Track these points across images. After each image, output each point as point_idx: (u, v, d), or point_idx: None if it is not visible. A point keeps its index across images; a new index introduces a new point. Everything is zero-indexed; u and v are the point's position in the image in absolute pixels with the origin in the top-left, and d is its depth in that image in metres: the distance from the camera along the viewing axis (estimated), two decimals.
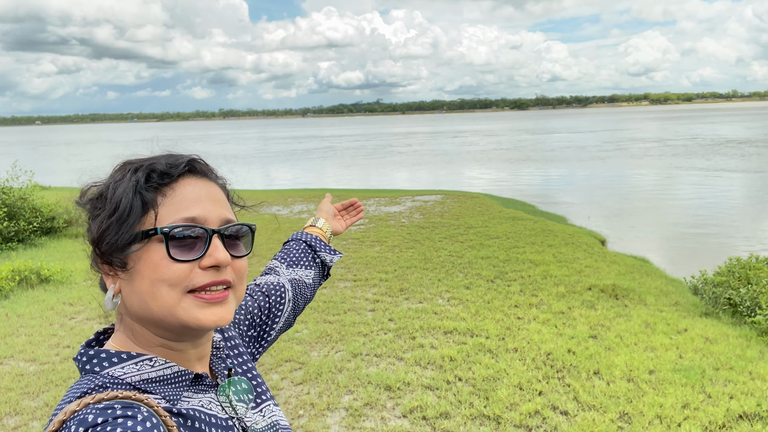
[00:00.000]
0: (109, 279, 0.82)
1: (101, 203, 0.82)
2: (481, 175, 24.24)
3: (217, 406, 0.88)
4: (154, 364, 0.80)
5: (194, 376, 0.85)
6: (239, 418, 0.90)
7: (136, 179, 0.81)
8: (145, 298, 0.79)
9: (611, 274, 7.47)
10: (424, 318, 5.89)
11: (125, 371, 0.78)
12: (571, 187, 19.84)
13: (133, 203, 0.80)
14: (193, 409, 0.83)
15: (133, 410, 0.71)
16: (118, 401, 0.72)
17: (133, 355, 0.80)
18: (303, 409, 4.13)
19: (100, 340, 0.86)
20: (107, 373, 0.78)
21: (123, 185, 0.81)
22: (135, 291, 0.79)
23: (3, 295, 6.97)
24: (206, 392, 0.88)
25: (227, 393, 0.91)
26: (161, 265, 0.78)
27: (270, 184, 23.91)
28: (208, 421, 0.84)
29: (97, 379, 0.77)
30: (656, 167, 24.59)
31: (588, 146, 39.15)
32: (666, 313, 5.95)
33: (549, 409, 3.99)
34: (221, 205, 0.86)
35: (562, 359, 4.78)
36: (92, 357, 0.79)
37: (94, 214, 0.83)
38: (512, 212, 12.77)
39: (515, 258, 8.36)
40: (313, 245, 1.38)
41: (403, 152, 40.43)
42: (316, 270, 1.36)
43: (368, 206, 14.40)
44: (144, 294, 0.79)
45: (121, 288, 0.81)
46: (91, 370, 0.79)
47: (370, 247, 9.42)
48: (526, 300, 6.42)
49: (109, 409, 0.69)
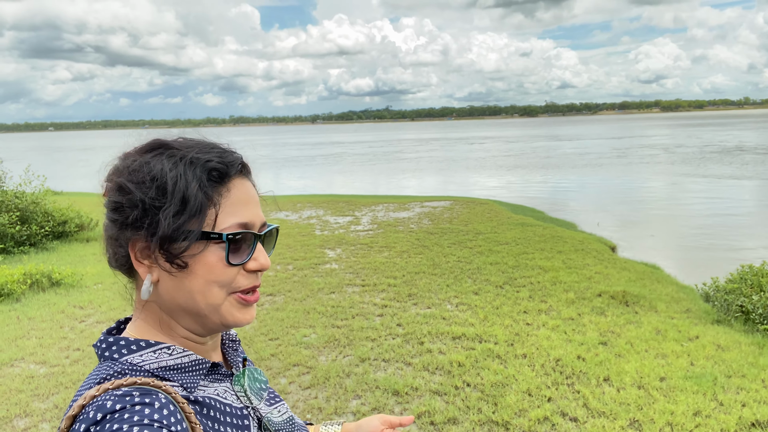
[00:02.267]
0: (144, 268, 0.80)
1: (161, 198, 0.78)
2: (490, 181, 24.19)
3: (232, 395, 0.89)
4: (172, 353, 0.81)
5: (211, 365, 0.86)
6: (254, 407, 0.91)
7: (198, 176, 0.79)
8: (195, 296, 0.80)
9: (621, 280, 7.41)
10: (432, 323, 5.87)
11: (144, 359, 0.79)
12: (580, 194, 19.75)
13: (203, 202, 0.79)
14: (209, 397, 0.83)
15: (151, 397, 0.71)
16: (136, 388, 0.72)
17: (151, 343, 0.80)
18: (311, 413, 4.12)
19: (121, 329, 0.87)
20: (126, 360, 0.78)
21: (185, 180, 0.79)
22: (184, 287, 0.80)
23: (14, 298, 7.03)
24: (222, 381, 0.88)
25: (242, 382, 0.91)
26: (217, 268, 0.80)
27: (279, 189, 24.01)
28: (223, 409, 0.84)
29: (116, 366, 0.78)
30: (667, 174, 24.42)
31: (598, 153, 38.98)
32: (677, 320, 5.89)
33: (558, 416, 3.95)
34: (260, 207, 0.88)
35: (571, 365, 4.74)
36: (111, 344, 0.80)
37: (150, 204, 0.78)
38: (521, 218, 12.72)
39: (524, 264, 8.31)
40: None
41: (412, 158, 40.46)
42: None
43: (377, 212, 14.41)
44: (195, 292, 0.80)
45: (160, 279, 0.80)
46: (110, 356, 0.79)
47: (378, 253, 9.41)
48: (535, 306, 6.38)
49: (128, 396, 0.70)
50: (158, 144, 0.83)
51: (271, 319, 6.14)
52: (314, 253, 9.45)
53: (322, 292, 7.21)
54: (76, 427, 0.68)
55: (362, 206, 15.45)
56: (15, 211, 10.10)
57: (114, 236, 0.82)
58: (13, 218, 10.04)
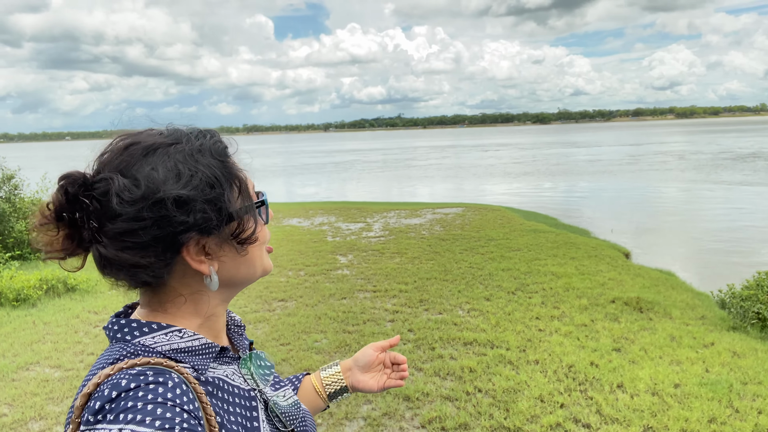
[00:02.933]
0: (205, 264, 0.80)
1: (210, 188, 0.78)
2: (502, 188, 24.11)
3: (239, 378, 0.90)
4: (183, 336, 0.82)
5: (220, 349, 0.88)
6: (261, 390, 0.93)
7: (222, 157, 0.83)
8: (255, 263, 0.88)
9: (635, 287, 7.34)
10: (443, 329, 5.85)
11: (156, 341, 0.80)
12: (594, 201, 19.60)
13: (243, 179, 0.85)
14: (218, 378, 0.85)
15: (165, 376, 0.72)
16: (150, 367, 0.73)
17: (163, 326, 0.81)
18: (321, 418, 4.12)
19: (129, 313, 0.88)
20: (138, 342, 0.79)
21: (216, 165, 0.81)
22: (246, 260, 0.86)
23: (30, 303, 7.12)
24: (229, 364, 0.90)
25: (249, 366, 0.93)
26: (264, 231, 0.89)
27: (292, 197, 24.11)
28: (232, 390, 0.86)
29: (128, 347, 0.78)
30: (682, 180, 24.18)
31: (611, 160, 38.71)
32: (692, 326, 5.81)
33: (571, 422, 3.92)
34: None
35: (584, 372, 4.69)
36: (123, 326, 0.81)
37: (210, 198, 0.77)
38: (534, 225, 12.66)
39: (537, 270, 8.26)
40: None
41: (423, 166, 40.47)
42: None
43: (389, 218, 14.42)
44: (255, 260, 0.88)
45: (219, 267, 0.83)
46: (122, 338, 0.80)
47: (390, 259, 9.41)
48: (547, 312, 6.34)
49: (142, 375, 0.71)
50: (148, 146, 0.79)
51: (283, 325, 6.16)
52: (326, 259, 9.48)
53: (333, 297, 7.22)
54: (91, 404, 0.69)
55: (374, 213, 15.47)
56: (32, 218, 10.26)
57: (152, 254, 0.76)
58: (30, 225, 10.20)
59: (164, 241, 0.76)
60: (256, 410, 0.88)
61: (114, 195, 0.74)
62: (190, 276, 0.82)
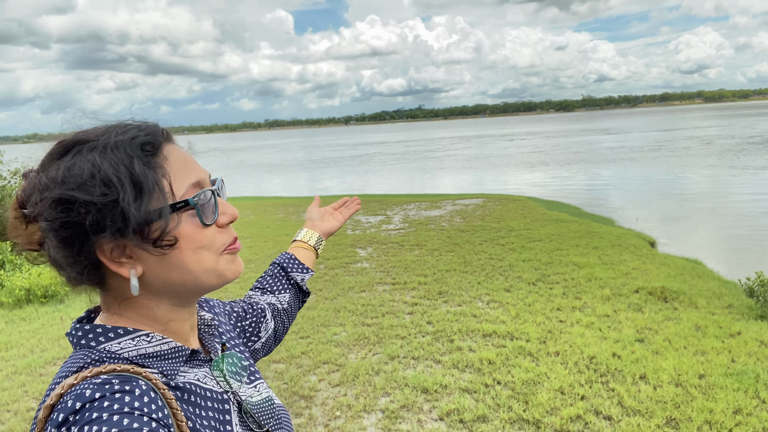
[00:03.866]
0: (124, 267, 0.77)
1: (107, 188, 0.73)
2: (524, 177, 23.84)
3: (211, 381, 0.88)
4: (151, 340, 0.79)
5: (190, 353, 0.85)
6: (234, 392, 0.91)
7: (134, 155, 0.77)
8: (189, 267, 0.80)
9: (660, 276, 7.19)
10: (462, 321, 5.82)
11: (122, 346, 0.77)
12: (619, 189, 19.26)
13: (154, 178, 0.77)
14: (189, 383, 0.83)
15: (131, 384, 0.70)
16: (116, 375, 0.71)
17: (129, 331, 0.79)
18: (340, 410, 4.14)
19: (92, 318, 0.85)
20: (104, 348, 0.77)
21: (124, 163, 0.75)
22: (174, 265, 0.79)
23: (58, 299, 7.30)
24: (201, 367, 0.88)
25: (221, 367, 0.91)
26: (197, 234, 0.80)
27: (312, 190, 24.22)
28: (203, 395, 0.84)
29: (93, 354, 0.76)
30: (709, 166, 23.58)
31: (637, 146, 37.96)
32: (718, 316, 5.68)
33: (592, 414, 3.86)
34: (198, 163, 0.87)
35: (606, 363, 4.62)
36: (87, 332, 0.78)
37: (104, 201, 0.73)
38: (556, 214, 12.49)
39: (558, 260, 8.16)
40: (285, 266, 1.33)
41: (444, 157, 40.25)
42: (291, 292, 1.32)
43: (408, 210, 14.39)
44: (188, 264, 0.80)
45: (145, 270, 0.78)
46: (86, 345, 0.77)
47: (409, 251, 9.39)
48: (569, 303, 6.26)
49: (107, 384, 0.69)
50: (69, 143, 0.78)
51: (302, 318, 6.20)
52: (345, 253, 9.50)
53: (352, 290, 7.23)
54: (54, 416, 0.67)
55: (394, 205, 15.45)
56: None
57: (70, 254, 0.76)
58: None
59: (73, 243, 0.75)
60: (229, 413, 0.86)
61: (36, 193, 0.75)
62: (120, 278, 0.79)
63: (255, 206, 16.89)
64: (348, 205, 1.54)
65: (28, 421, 4.19)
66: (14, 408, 4.42)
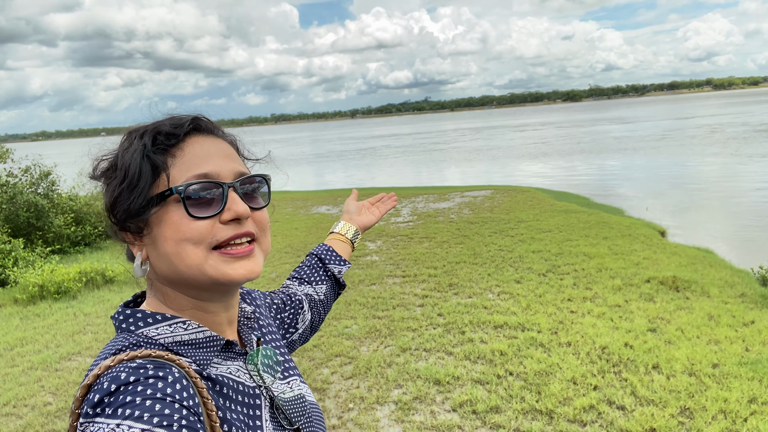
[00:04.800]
0: (135, 247, 0.84)
1: (112, 173, 0.84)
2: (532, 168, 23.73)
3: (245, 374, 0.89)
4: (187, 328, 0.81)
5: (225, 343, 0.86)
6: (266, 387, 0.91)
7: (143, 144, 0.82)
8: (171, 259, 0.79)
9: (671, 265, 7.15)
10: (473, 312, 5.82)
11: (159, 332, 0.79)
12: (628, 178, 19.13)
13: (142, 167, 0.80)
14: (221, 375, 0.84)
15: (165, 370, 0.71)
16: (151, 360, 0.73)
17: (167, 317, 0.81)
18: (353, 402, 4.16)
19: (138, 302, 0.88)
20: (142, 333, 0.79)
21: (131, 151, 0.82)
22: (161, 254, 0.80)
23: (71, 295, 7.37)
24: (235, 360, 0.89)
25: (255, 362, 0.91)
26: (182, 225, 0.78)
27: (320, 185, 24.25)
28: (235, 387, 0.85)
29: (131, 338, 0.78)
30: (720, 155, 23.36)
31: (646, 135, 37.64)
32: (731, 305, 5.64)
33: (605, 404, 3.86)
34: (232, 159, 0.86)
35: (618, 353, 4.61)
36: (129, 316, 0.81)
37: (106, 183, 0.85)
38: (565, 205, 12.44)
39: (568, 251, 8.13)
40: (323, 258, 1.35)
41: (451, 149, 40.12)
42: (328, 284, 1.33)
43: (417, 203, 14.38)
44: (170, 255, 0.79)
45: (148, 254, 0.82)
46: (126, 329, 0.80)
47: (418, 243, 9.39)
48: (579, 293, 6.24)
49: (142, 369, 0.70)
50: (129, 131, 0.86)
51: None
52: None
53: (363, 283, 7.25)
54: (91, 396, 0.69)
55: (402, 198, 15.44)
56: (70, 213, 10.58)
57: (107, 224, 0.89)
58: (68, 220, 10.53)
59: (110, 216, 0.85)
60: (260, 408, 0.86)
61: None
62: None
63: None
64: (384, 200, 1.57)
65: (45, 415, 4.24)
66: (31, 403, 4.47)
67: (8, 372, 5.11)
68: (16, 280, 7.85)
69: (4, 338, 6.00)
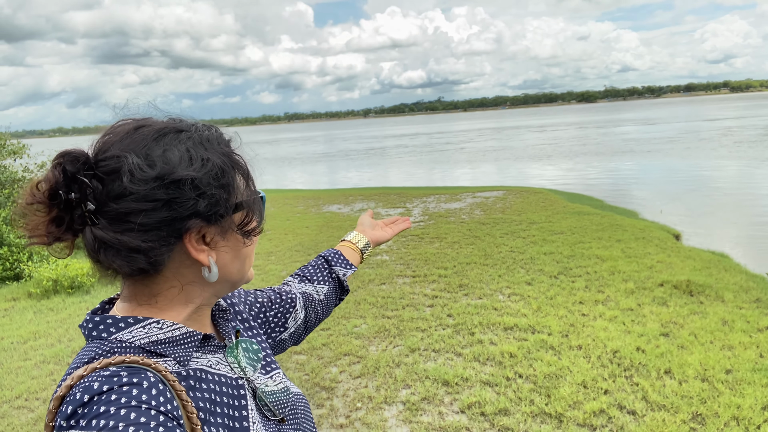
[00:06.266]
0: (204, 254, 0.79)
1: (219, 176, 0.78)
2: (545, 170, 23.58)
3: (225, 366, 0.88)
4: (162, 327, 0.79)
5: (203, 337, 0.85)
6: (248, 378, 0.90)
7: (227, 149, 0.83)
8: (246, 261, 0.88)
9: (686, 269, 7.06)
10: (483, 314, 5.79)
11: (133, 335, 0.77)
12: (642, 181, 18.94)
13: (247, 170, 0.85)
14: (201, 369, 0.83)
15: (139, 376, 0.70)
16: (125, 367, 0.70)
17: (139, 319, 0.78)
18: (361, 402, 4.15)
19: (106, 309, 0.85)
20: (115, 338, 0.76)
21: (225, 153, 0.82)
22: (241, 256, 0.86)
23: (84, 290, 7.45)
24: (215, 353, 0.88)
25: (236, 354, 0.91)
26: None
27: (331, 183, 24.29)
28: (218, 380, 0.84)
29: (105, 345, 0.76)
30: (736, 158, 23.05)
31: (661, 138, 37.25)
32: (746, 310, 5.56)
33: (615, 409, 3.81)
34: None
35: (630, 357, 4.56)
36: (98, 323, 0.78)
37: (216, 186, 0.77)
38: (578, 207, 12.34)
39: (580, 253, 8.06)
40: (329, 259, 1.36)
41: (464, 149, 39.99)
42: (330, 285, 1.32)
43: (428, 203, 14.34)
44: (247, 258, 0.88)
45: (217, 258, 0.82)
46: (98, 336, 0.77)
47: (429, 244, 9.37)
48: (591, 296, 6.18)
49: (115, 377, 0.68)
50: (159, 129, 0.78)
51: None
52: None
53: (372, 283, 7.24)
54: (64, 408, 0.67)
55: (413, 198, 15.41)
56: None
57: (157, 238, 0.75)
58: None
59: (169, 225, 0.75)
60: (245, 398, 0.86)
61: (126, 173, 0.72)
62: (187, 266, 0.80)
63: (275, 199, 17.00)
64: (398, 222, 1.58)
65: None
66: (43, 396, 4.53)
67: (21, 365, 5.17)
68: (31, 274, 7.95)
69: (17, 332, 6.08)
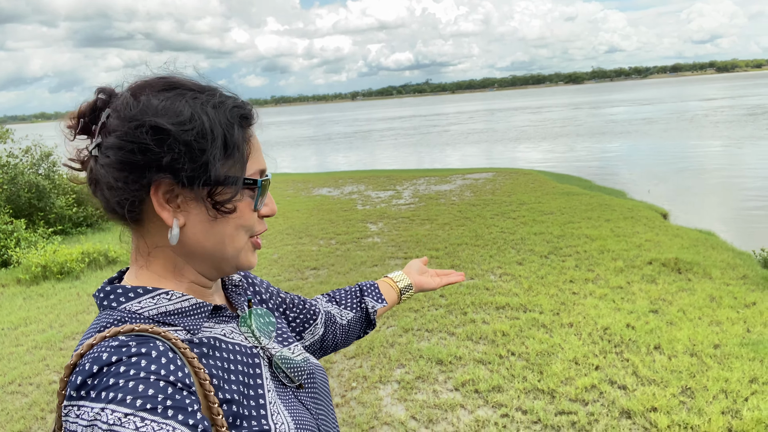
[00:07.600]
0: (168, 213, 0.77)
1: (201, 137, 0.75)
2: (534, 151, 23.63)
3: (239, 336, 0.88)
4: (171, 298, 0.79)
5: (213, 308, 0.85)
6: (263, 347, 0.90)
7: (235, 120, 0.80)
8: (224, 239, 0.82)
9: (673, 247, 7.16)
10: (475, 294, 5.84)
11: (142, 305, 0.77)
12: (630, 161, 19.06)
13: (243, 148, 0.81)
14: (214, 338, 0.82)
15: (148, 346, 0.69)
16: (133, 336, 0.70)
17: (149, 290, 0.78)
18: (356, 381, 4.19)
19: (121, 278, 0.85)
20: (124, 308, 0.77)
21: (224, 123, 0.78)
22: (215, 231, 0.80)
23: (74, 276, 7.39)
24: (227, 323, 0.88)
25: (249, 323, 0.90)
26: (246, 213, 0.83)
27: (321, 167, 24.19)
28: (231, 348, 0.83)
29: (115, 314, 0.76)
30: (723, 137, 23.24)
31: (648, 118, 37.42)
32: (733, 286, 5.65)
33: (606, 384, 3.88)
34: None
35: (620, 334, 4.63)
36: (109, 293, 0.79)
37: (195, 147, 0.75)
38: (567, 187, 12.41)
39: (570, 233, 8.13)
40: (363, 289, 1.31)
41: (452, 131, 39.93)
42: (356, 314, 1.28)
43: (418, 185, 14.35)
44: (225, 236, 0.81)
45: (188, 224, 0.79)
46: (108, 305, 0.78)
47: (420, 225, 9.39)
48: (581, 275, 6.25)
49: (124, 347, 0.68)
50: (171, 84, 0.79)
51: (316, 292, 6.24)
52: (356, 228, 9.52)
53: (365, 265, 7.26)
54: (73, 378, 0.67)
55: (403, 180, 15.41)
56: (71, 194, 10.57)
57: (122, 178, 0.75)
58: (70, 201, 10.52)
59: (137, 171, 0.74)
60: (259, 367, 0.86)
61: (114, 109, 0.76)
62: (159, 223, 0.79)
63: None
64: (451, 275, 1.49)
65: (50, 393, 4.28)
66: (36, 381, 4.51)
67: (13, 351, 5.15)
68: (19, 260, 7.87)
69: (8, 318, 6.04)
